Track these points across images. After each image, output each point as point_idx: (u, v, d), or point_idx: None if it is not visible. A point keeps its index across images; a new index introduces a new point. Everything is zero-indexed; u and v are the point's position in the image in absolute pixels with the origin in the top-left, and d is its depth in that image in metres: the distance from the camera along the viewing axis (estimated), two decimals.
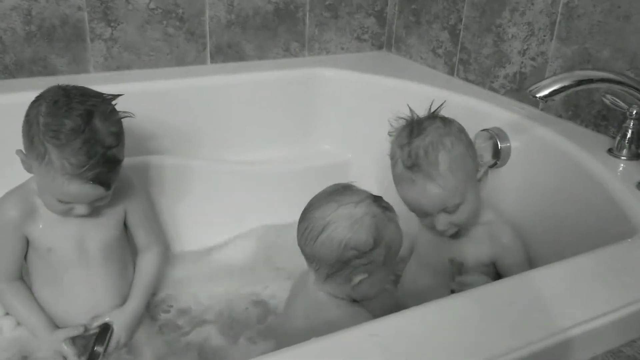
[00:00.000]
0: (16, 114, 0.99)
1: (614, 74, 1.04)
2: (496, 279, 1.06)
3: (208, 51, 1.54)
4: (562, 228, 1.10)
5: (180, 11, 1.48)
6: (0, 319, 1.12)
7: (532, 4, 1.30)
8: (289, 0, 1.60)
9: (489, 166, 1.18)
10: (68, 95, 0.98)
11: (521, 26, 1.33)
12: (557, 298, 0.69)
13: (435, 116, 1.06)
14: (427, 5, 1.61)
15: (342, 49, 1.73)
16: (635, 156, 1.08)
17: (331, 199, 0.93)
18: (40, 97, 0.99)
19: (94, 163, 0.95)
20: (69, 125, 0.94)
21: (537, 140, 1.19)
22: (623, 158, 1.08)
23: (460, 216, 1.03)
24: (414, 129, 1.03)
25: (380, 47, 1.80)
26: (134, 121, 1.06)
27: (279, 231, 1.43)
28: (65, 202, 1.01)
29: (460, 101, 1.31)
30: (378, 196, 0.95)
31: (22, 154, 1.01)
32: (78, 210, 1.02)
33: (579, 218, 1.05)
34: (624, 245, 0.82)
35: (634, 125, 1.07)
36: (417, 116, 1.06)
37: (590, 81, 1.02)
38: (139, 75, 1.45)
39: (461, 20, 1.50)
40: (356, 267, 0.91)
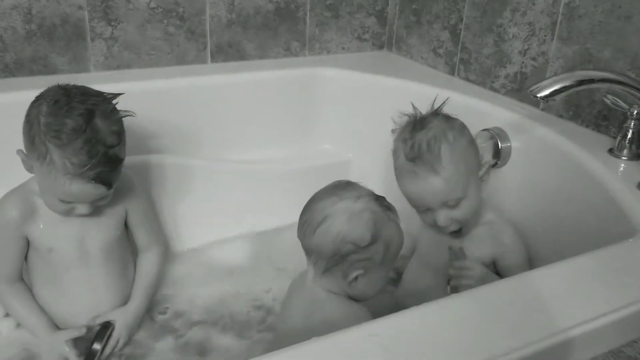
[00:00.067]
0: (16, 113, 0.99)
1: (614, 74, 1.04)
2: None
3: (208, 50, 1.54)
4: (562, 228, 1.10)
5: (181, 10, 1.48)
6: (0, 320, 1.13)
7: (533, 4, 1.30)
8: (289, 0, 1.60)
9: (490, 165, 1.18)
10: (68, 94, 0.98)
11: (522, 26, 1.33)
12: (557, 298, 0.69)
13: (438, 113, 1.06)
14: (427, 5, 1.61)
15: (343, 48, 1.73)
16: (635, 156, 1.08)
17: (333, 193, 0.93)
18: (40, 96, 0.99)
19: (96, 162, 0.95)
20: (70, 125, 0.94)
21: (537, 140, 1.19)
22: (624, 158, 1.08)
23: (462, 212, 1.02)
24: (417, 124, 1.04)
25: (380, 47, 1.80)
26: (134, 120, 1.06)
27: (279, 230, 1.44)
28: (67, 202, 1.01)
29: (460, 101, 1.30)
30: (380, 196, 0.95)
31: (22, 154, 1.01)
32: (79, 209, 1.02)
33: (580, 218, 1.05)
34: (624, 246, 0.82)
35: (634, 125, 1.07)
36: (421, 113, 1.06)
37: (591, 81, 1.02)
38: (139, 75, 1.45)
39: (462, 20, 1.50)
40: (353, 263, 0.91)
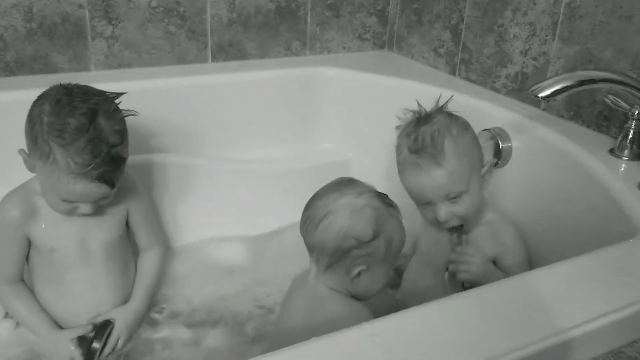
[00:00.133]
0: (17, 112, 0.99)
1: (616, 74, 1.04)
2: None
3: (209, 50, 1.54)
4: (562, 228, 1.10)
5: (182, 9, 1.48)
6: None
7: (534, 4, 1.29)
8: None
9: (491, 165, 1.18)
10: (70, 94, 0.98)
11: (523, 26, 1.33)
12: (557, 298, 0.69)
13: (442, 110, 1.07)
14: (428, 4, 1.61)
15: (344, 48, 1.73)
16: (636, 156, 1.08)
17: (335, 189, 0.94)
18: (42, 96, 0.99)
19: (99, 162, 0.95)
20: (74, 124, 0.94)
21: (538, 140, 1.19)
22: (624, 158, 1.08)
23: (463, 207, 1.02)
24: (421, 119, 1.05)
25: (381, 47, 1.79)
26: (135, 119, 1.06)
27: (280, 229, 1.43)
28: (70, 202, 1.00)
29: (461, 101, 1.29)
30: (383, 193, 0.95)
31: (24, 153, 1.01)
32: (82, 209, 1.02)
33: (580, 218, 1.05)
34: (625, 246, 0.82)
35: (635, 125, 1.07)
36: (425, 110, 1.07)
37: (592, 81, 1.02)
38: (140, 74, 1.45)
39: (463, 19, 1.49)
40: (355, 259, 0.91)
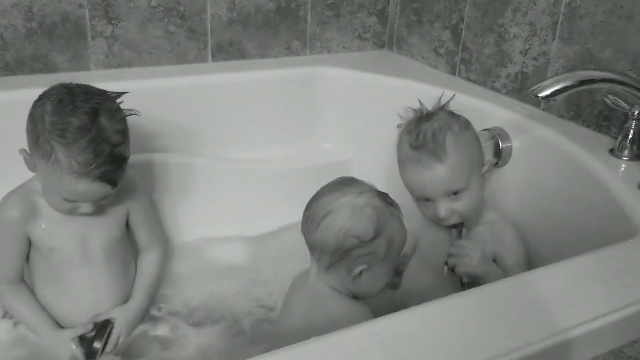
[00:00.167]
0: (17, 111, 0.99)
1: (616, 74, 1.04)
2: None
3: (209, 49, 1.54)
4: (562, 228, 1.10)
5: (182, 9, 1.48)
6: None
7: (534, 3, 1.29)
8: None
9: (492, 164, 1.18)
10: (72, 93, 0.97)
11: (523, 26, 1.33)
12: (557, 298, 0.69)
13: (444, 109, 1.07)
14: (428, 4, 1.61)
15: (344, 47, 1.73)
16: (636, 156, 1.08)
17: (336, 189, 0.94)
18: (43, 95, 0.99)
19: (101, 161, 0.95)
20: (76, 124, 0.94)
21: (538, 140, 1.19)
22: (624, 158, 1.08)
23: (463, 204, 1.02)
24: (422, 117, 1.05)
25: (381, 46, 1.79)
26: (135, 119, 1.06)
27: (279, 230, 1.44)
28: (71, 201, 1.00)
29: (461, 101, 1.29)
30: (384, 192, 0.96)
31: (25, 153, 1.00)
32: (83, 208, 1.02)
33: (580, 218, 1.05)
34: (625, 246, 0.82)
35: (635, 125, 1.07)
36: (427, 109, 1.07)
37: (592, 81, 1.02)
38: (139, 73, 1.45)
39: (463, 19, 1.49)
40: (356, 258, 0.91)
